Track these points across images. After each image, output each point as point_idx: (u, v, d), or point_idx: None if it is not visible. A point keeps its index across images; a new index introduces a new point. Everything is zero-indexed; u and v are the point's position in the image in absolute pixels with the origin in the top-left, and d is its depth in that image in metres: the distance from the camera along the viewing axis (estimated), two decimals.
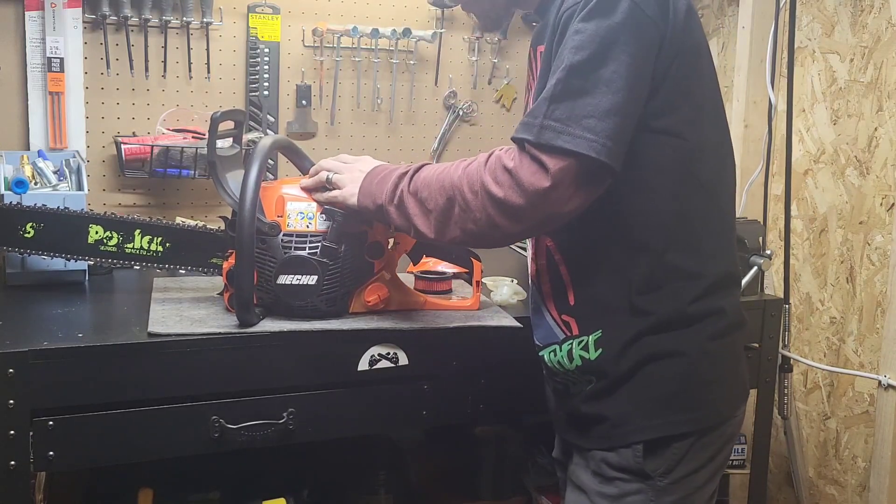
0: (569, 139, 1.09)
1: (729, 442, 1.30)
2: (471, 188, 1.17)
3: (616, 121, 1.10)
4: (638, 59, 1.12)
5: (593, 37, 1.10)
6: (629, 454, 1.23)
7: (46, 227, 1.54)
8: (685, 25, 1.18)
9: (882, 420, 1.96)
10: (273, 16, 2.13)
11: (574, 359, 1.26)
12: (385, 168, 1.32)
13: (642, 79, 1.13)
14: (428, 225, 1.23)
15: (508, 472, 2.10)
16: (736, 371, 1.31)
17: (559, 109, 1.10)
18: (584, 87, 1.10)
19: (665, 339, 1.22)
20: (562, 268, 1.26)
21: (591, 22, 1.10)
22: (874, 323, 2.02)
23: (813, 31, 2.16)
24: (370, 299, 1.48)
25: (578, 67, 1.10)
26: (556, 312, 1.29)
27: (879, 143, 2.00)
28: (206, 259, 1.57)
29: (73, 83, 1.97)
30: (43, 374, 1.29)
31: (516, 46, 2.40)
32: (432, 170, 1.24)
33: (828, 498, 2.18)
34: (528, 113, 1.14)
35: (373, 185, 1.31)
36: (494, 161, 1.16)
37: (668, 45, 1.15)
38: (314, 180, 1.42)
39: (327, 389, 1.47)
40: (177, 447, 1.40)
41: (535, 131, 1.11)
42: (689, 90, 1.20)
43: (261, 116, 2.15)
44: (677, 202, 1.20)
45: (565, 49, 1.11)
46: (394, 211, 1.26)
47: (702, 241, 1.24)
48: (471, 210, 1.17)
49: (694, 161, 1.21)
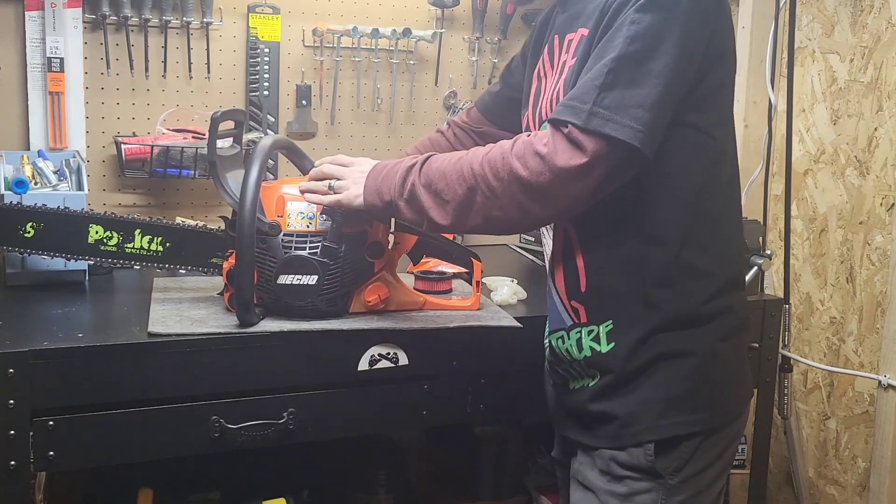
0: (616, 127, 1.12)
1: (735, 440, 1.31)
2: (495, 175, 1.17)
3: (659, 113, 1.13)
4: (687, 54, 1.14)
5: (649, 29, 1.12)
6: (640, 453, 1.23)
7: (46, 226, 1.54)
8: (730, 24, 1.22)
9: (882, 420, 1.96)
10: (273, 16, 2.13)
11: (583, 349, 1.26)
12: (387, 163, 1.31)
13: (688, 73, 1.16)
14: (444, 216, 1.22)
15: (508, 472, 2.10)
16: (742, 371, 1.32)
17: (609, 98, 1.12)
18: (635, 78, 1.12)
19: (676, 337, 1.22)
20: (577, 253, 1.26)
21: (648, 13, 1.12)
22: (874, 323, 2.02)
23: (813, 31, 2.16)
24: (370, 299, 1.48)
25: (632, 58, 1.12)
26: (565, 298, 1.29)
27: (879, 143, 2.00)
28: (207, 259, 1.57)
29: (73, 83, 1.97)
30: (43, 374, 1.29)
31: (516, 46, 2.40)
32: (444, 160, 1.24)
33: (828, 498, 2.18)
34: (572, 97, 1.15)
35: (377, 182, 1.29)
36: (523, 146, 1.16)
37: (716, 42, 1.18)
38: (316, 188, 1.39)
39: (327, 389, 1.47)
40: (177, 447, 1.40)
41: (584, 116, 1.12)
42: (722, 89, 1.23)
43: (261, 116, 2.15)
44: (698, 201, 1.22)
45: (618, 37, 1.13)
46: (404, 205, 1.25)
47: (716, 241, 1.25)
48: (496, 197, 1.18)
49: (717, 161, 1.24)
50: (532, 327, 1.51)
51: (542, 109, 1.31)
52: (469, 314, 1.57)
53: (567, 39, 1.26)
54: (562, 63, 1.27)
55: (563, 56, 1.27)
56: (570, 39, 1.25)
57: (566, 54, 1.26)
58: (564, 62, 1.26)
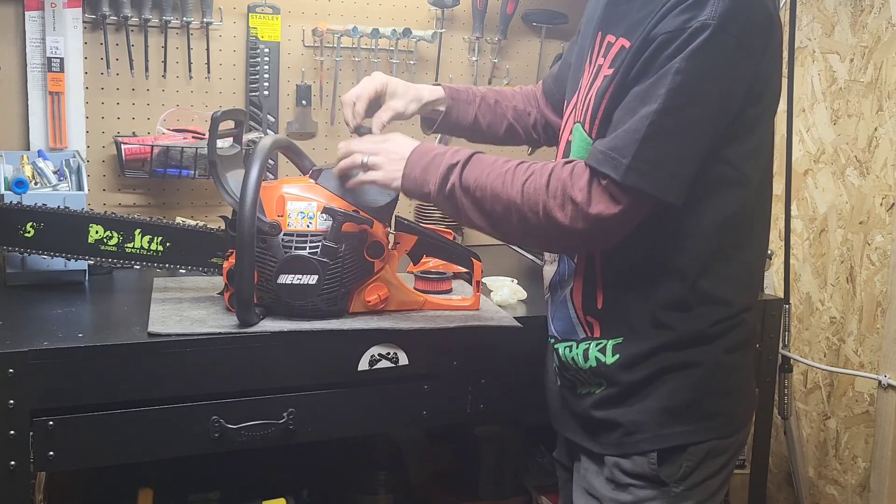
0: (652, 184, 1.11)
1: (739, 449, 1.31)
2: (531, 209, 1.17)
3: (695, 161, 1.13)
4: (729, 101, 1.13)
5: (693, 80, 1.09)
6: (643, 461, 1.23)
7: (46, 226, 1.54)
8: (779, 57, 1.20)
9: (882, 420, 1.96)
10: (273, 16, 2.13)
11: (589, 359, 1.26)
12: (427, 151, 1.28)
13: (726, 117, 1.14)
14: (483, 221, 1.23)
15: (508, 472, 2.10)
16: (748, 380, 1.32)
17: (648, 151, 1.10)
18: (676, 130, 1.11)
19: (683, 354, 1.22)
20: (599, 272, 1.26)
21: (694, 61, 1.08)
22: (874, 323, 2.02)
23: (813, 31, 2.16)
24: (370, 299, 1.48)
25: (673, 111, 1.10)
26: (581, 312, 1.29)
27: (879, 143, 2.00)
28: (207, 259, 1.57)
29: (73, 83, 1.97)
30: (43, 374, 1.29)
31: (516, 46, 2.40)
32: (485, 167, 1.22)
33: (828, 498, 2.18)
34: (612, 147, 1.13)
35: (417, 171, 1.27)
36: (559, 187, 1.16)
37: (761, 79, 1.16)
38: (348, 162, 1.36)
39: (327, 389, 1.47)
40: (177, 447, 1.40)
41: (622, 172, 1.11)
42: (757, 125, 1.20)
43: (261, 116, 2.15)
44: (719, 233, 1.20)
45: (661, 86, 1.09)
46: (443, 201, 1.25)
47: (735, 269, 1.24)
48: (530, 226, 1.19)
49: (743, 194, 1.21)
50: (532, 327, 1.51)
51: (576, 111, 1.30)
52: (469, 314, 1.57)
53: (607, 41, 1.23)
54: (597, 66, 1.25)
55: (600, 59, 1.24)
56: (611, 43, 1.22)
57: (603, 58, 1.23)
58: (600, 66, 1.24)
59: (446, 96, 1.52)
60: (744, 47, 1.11)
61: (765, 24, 1.14)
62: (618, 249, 1.21)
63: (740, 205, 1.20)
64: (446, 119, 1.54)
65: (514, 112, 1.59)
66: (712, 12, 1.07)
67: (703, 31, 1.07)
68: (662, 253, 1.20)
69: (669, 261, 1.20)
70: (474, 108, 1.55)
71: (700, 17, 1.08)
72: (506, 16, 2.33)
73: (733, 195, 1.19)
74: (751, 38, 1.11)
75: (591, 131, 1.22)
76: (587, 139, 1.23)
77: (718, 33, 1.07)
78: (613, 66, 1.19)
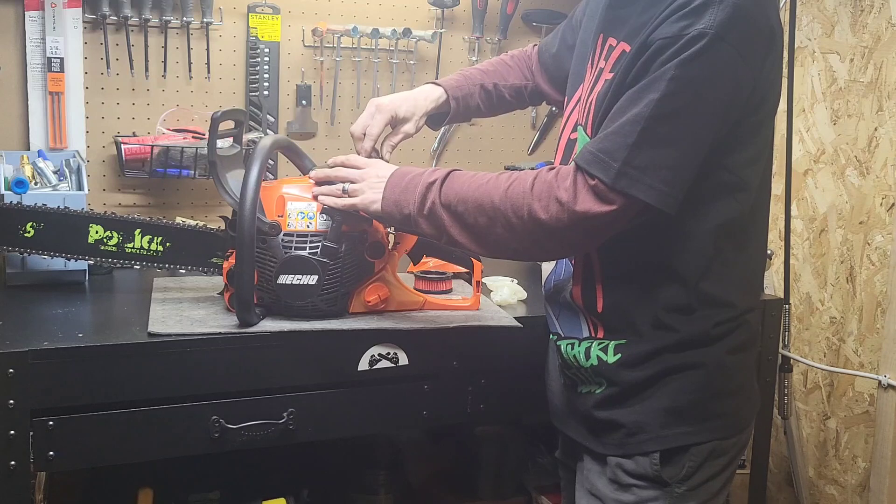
0: (643, 189, 1.10)
1: (742, 450, 1.31)
2: (516, 213, 1.16)
3: (689, 169, 1.12)
4: (726, 110, 1.11)
5: (689, 86, 1.08)
6: (646, 462, 1.23)
7: (46, 226, 1.54)
8: (779, 64, 1.18)
9: (882, 420, 1.96)
10: (273, 16, 2.13)
11: (591, 358, 1.26)
12: (406, 173, 1.29)
13: (723, 126, 1.13)
14: (464, 237, 1.22)
15: (508, 472, 2.10)
16: (750, 381, 1.32)
17: (640, 157, 1.09)
18: (669, 136, 1.09)
19: (686, 355, 1.22)
20: (597, 277, 1.26)
21: (687, 68, 1.07)
22: (874, 323, 2.02)
23: (813, 31, 2.16)
24: (370, 299, 1.48)
25: (667, 117, 1.09)
26: (585, 311, 1.29)
27: (879, 143, 2.00)
28: (207, 259, 1.57)
29: (73, 83, 1.97)
30: (43, 374, 1.29)
31: (516, 46, 2.40)
32: (464, 182, 1.22)
33: (828, 498, 2.18)
34: (603, 149, 1.11)
35: (397, 193, 1.27)
36: (543, 188, 1.15)
37: (761, 86, 1.15)
38: (326, 189, 1.39)
39: (327, 389, 1.47)
40: (177, 447, 1.40)
41: (613, 175, 1.10)
42: (757, 132, 1.19)
43: (261, 116, 2.15)
44: (719, 237, 1.19)
45: (655, 90, 1.08)
46: (424, 221, 1.24)
47: (737, 272, 1.24)
48: (515, 232, 1.17)
49: (742, 199, 1.20)
50: (532, 327, 1.51)
51: (578, 113, 1.29)
52: (469, 314, 1.57)
53: (609, 45, 1.23)
54: (599, 69, 1.24)
55: (602, 62, 1.24)
56: (612, 46, 1.22)
57: (605, 61, 1.23)
58: (602, 70, 1.23)
59: (449, 97, 1.53)
60: (743, 57, 1.09)
61: (766, 33, 1.13)
62: (617, 253, 1.21)
63: (740, 209, 1.20)
64: (452, 119, 1.58)
65: (511, 90, 1.62)
66: (711, 21, 1.06)
67: (701, 40, 1.06)
68: (663, 257, 1.20)
69: (670, 265, 1.20)
70: (475, 100, 1.58)
71: (698, 25, 1.07)
72: (506, 16, 2.33)
73: (733, 200, 1.19)
74: (751, 48, 1.10)
75: (593, 135, 1.22)
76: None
77: (716, 42, 1.06)
78: (614, 70, 1.19)
